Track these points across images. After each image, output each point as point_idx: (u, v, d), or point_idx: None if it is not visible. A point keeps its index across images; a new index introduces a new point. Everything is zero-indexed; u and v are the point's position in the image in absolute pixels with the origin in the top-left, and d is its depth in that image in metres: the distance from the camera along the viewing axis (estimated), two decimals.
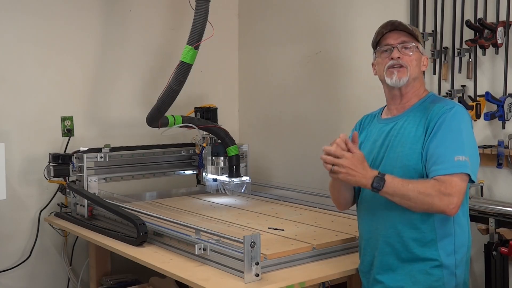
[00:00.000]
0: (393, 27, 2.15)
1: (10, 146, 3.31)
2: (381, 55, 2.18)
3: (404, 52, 2.13)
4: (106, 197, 3.30)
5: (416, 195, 1.93)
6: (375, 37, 2.19)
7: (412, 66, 2.13)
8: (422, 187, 1.94)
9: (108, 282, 3.38)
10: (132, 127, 3.90)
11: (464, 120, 2.05)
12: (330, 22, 3.69)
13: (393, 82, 2.13)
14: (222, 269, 2.31)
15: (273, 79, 4.15)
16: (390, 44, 2.14)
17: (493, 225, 2.60)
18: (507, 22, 2.77)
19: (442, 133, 2.01)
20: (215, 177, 3.65)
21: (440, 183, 1.93)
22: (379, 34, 2.17)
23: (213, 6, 3.30)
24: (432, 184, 1.94)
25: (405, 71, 2.12)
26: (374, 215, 2.16)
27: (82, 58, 3.77)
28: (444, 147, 1.99)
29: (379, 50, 2.18)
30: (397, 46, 2.13)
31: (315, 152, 2.23)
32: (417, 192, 1.93)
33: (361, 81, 3.46)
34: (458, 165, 1.95)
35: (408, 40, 2.13)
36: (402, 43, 2.13)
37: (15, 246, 3.55)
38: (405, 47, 2.13)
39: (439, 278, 2.06)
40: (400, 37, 2.14)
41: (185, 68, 3.26)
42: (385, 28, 2.16)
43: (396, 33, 2.15)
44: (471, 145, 2.03)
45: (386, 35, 2.16)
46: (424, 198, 1.93)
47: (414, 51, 2.14)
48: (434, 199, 1.92)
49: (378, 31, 2.18)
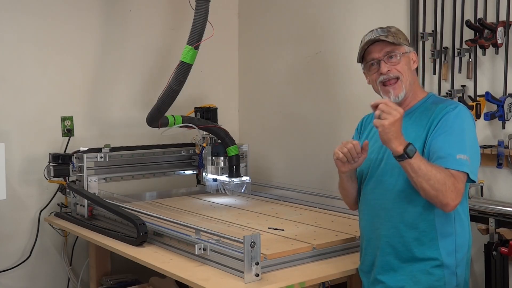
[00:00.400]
0: (372, 41, 2.12)
1: (10, 146, 3.31)
2: (369, 69, 2.17)
3: (391, 62, 2.11)
4: (106, 197, 3.30)
5: (435, 180, 1.90)
6: (359, 53, 2.18)
7: (404, 73, 2.11)
8: (441, 174, 1.91)
9: (108, 282, 3.38)
10: (132, 127, 3.90)
11: (467, 120, 2.06)
12: (330, 22, 3.69)
13: (393, 99, 2.11)
14: (222, 269, 2.31)
15: (273, 79, 4.15)
16: (375, 58, 2.13)
17: (493, 225, 2.60)
18: (507, 22, 2.77)
19: (445, 132, 2.01)
20: (215, 177, 3.65)
21: (454, 178, 1.93)
22: (362, 50, 2.16)
23: (213, 6, 3.30)
24: (448, 175, 1.92)
25: (400, 85, 2.11)
26: (375, 215, 2.16)
27: (82, 58, 3.77)
28: (447, 145, 1.99)
29: (366, 65, 2.17)
30: (383, 59, 2.11)
31: (315, 152, 2.24)
32: (437, 177, 1.90)
33: (361, 81, 3.43)
34: (460, 163, 1.95)
35: (391, 50, 2.11)
36: (386, 54, 2.11)
37: (15, 246, 3.55)
38: (390, 56, 2.12)
39: (440, 277, 2.06)
40: (383, 49, 2.12)
41: (185, 68, 3.26)
42: (366, 43, 2.13)
43: (378, 45, 2.12)
44: (472, 145, 2.03)
45: (369, 49, 2.14)
46: (440, 185, 1.90)
47: (400, 56, 2.12)
48: (447, 190, 1.91)
49: (360, 46, 2.17)
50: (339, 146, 2.10)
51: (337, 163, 2.14)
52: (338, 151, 2.09)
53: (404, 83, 2.12)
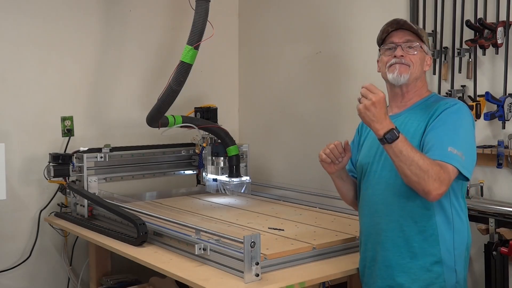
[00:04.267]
0: (399, 26, 2.15)
1: (10, 146, 3.31)
2: (385, 53, 2.18)
3: (408, 51, 2.13)
4: (106, 197, 3.30)
5: (416, 166, 1.90)
6: (380, 34, 2.19)
7: (415, 65, 2.13)
8: (425, 161, 1.91)
9: (108, 282, 3.38)
10: (132, 127, 3.90)
11: (465, 117, 2.06)
12: (330, 22, 3.69)
13: (394, 77, 2.14)
14: (222, 269, 2.31)
15: (273, 79, 4.15)
16: (395, 43, 2.14)
17: (493, 225, 2.60)
18: (507, 22, 2.77)
19: (441, 125, 2.02)
20: (215, 177, 3.65)
21: (439, 167, 1.92)
22: (385, 32, 2.17)
23: (213, 6, 3.30)
24: (433, 163, 1.92)
25: (407, 69, 2.13)
26: (375, 210, 2.17)
27: (82, 58, 3.77)
28: (440, 137, 1.99)
29: (383, 47, 2.19)
30: (401, 45, 2.13)
31: (315, 152, 2.24)
32: (419, 163, 1.89)
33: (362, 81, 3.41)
34: (449, 156, 1.95)
35: (413, 39, 2.14)
36: (407, 42, 2.13)
37: (15, 246, 3.55)
38: (410, 46, 2.13)
39: (439, 274, 2.06)
40: (405, 36, 2.14)
41: (185, 68, 3.26)
42: (391, 26, 2.16)
43: (401, 31, 2.15)
44: (467, 141, 2.02)
45: (391, 34, 2.16)
46: (421, 172, 1.90)
47: (418, 51, 2.14)
48: (429, 178, 1.90)
49: (383, 28, 2.18)
50: (323, 148, 2.18)
51: (323, 165, 2.21)
52: (321, 153, 2.18)
53: (411, 70, 2.13)
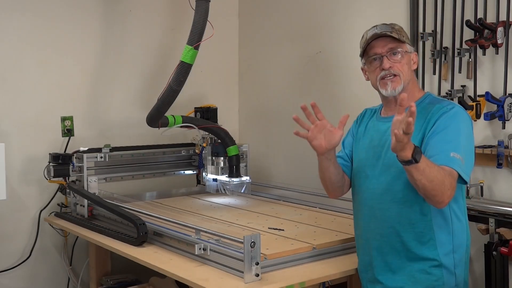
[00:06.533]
0: (377, 35, 2.12)
1: (10, 146, 3.31)
2: (370, 64, 2.16)
3: (394, 59, 2.11)
4: (106, 197, 3.30)
5: (437, 181, 1.86)
6: (362, 46, 2.16)
7: (404, 72, 2.11)
8: (440, 173, 1.88)
9: (108, 282, 3.38)
10: (132, 127, 3.90)
11: (464, 121, 2.05)
12: (330, 22, 3.69)
13: (388, 93, 2.12)
14: (222, 269, 2.31)
15: (273, 79, 4.15)
16: (378, 53, 2.12)
17: (493, 225, 2.60)
18: (507, 22, 2.77)
19: (441, 131, 2.01)
20: (215, 177, 3.65)
21: (449, 175, 1.91)
22: (366, 43, 2.14)
23: (213, 6, 3.30)
24: (445, 173, 1.89)
25: (399, 80, 2.10)
26: (372, 215, 2.16)
27: (82, 58, 3.77)
28: (442, 144, 1.98)
29: (367, 59, 2.16)
30: (386, 55, 2.11)
31: (315, 152, 2.23)
32: (438, 177, 1.86)
33: (361, 81, 3.43)
34: (453, 161, 1.94)
35: (394, 46, 2.11)
36: (390, 50, 2.11)
37: (15, 246, 3.55)
38: (393, 53, 2.11)
39: (439, 277, 2.06)
40: (387, 44, 2.11)
41: (185, 68, 3.26)
42: (371, 37, 2.12)
43: (382, 40, 2.12)
44: (467, 146, 2.02)
45: (372, 44, 2.13)
46: (440, 186, 1.87)
47: (402, 55, 2.12)
48: (445, 189, 1.88)
49: (363, 40, 2.16)
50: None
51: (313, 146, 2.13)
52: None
53: (402, 80, 2.11)
